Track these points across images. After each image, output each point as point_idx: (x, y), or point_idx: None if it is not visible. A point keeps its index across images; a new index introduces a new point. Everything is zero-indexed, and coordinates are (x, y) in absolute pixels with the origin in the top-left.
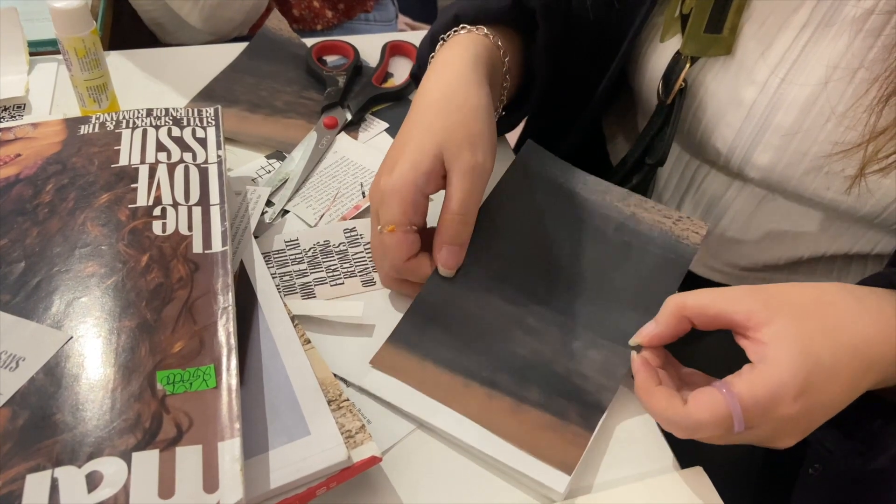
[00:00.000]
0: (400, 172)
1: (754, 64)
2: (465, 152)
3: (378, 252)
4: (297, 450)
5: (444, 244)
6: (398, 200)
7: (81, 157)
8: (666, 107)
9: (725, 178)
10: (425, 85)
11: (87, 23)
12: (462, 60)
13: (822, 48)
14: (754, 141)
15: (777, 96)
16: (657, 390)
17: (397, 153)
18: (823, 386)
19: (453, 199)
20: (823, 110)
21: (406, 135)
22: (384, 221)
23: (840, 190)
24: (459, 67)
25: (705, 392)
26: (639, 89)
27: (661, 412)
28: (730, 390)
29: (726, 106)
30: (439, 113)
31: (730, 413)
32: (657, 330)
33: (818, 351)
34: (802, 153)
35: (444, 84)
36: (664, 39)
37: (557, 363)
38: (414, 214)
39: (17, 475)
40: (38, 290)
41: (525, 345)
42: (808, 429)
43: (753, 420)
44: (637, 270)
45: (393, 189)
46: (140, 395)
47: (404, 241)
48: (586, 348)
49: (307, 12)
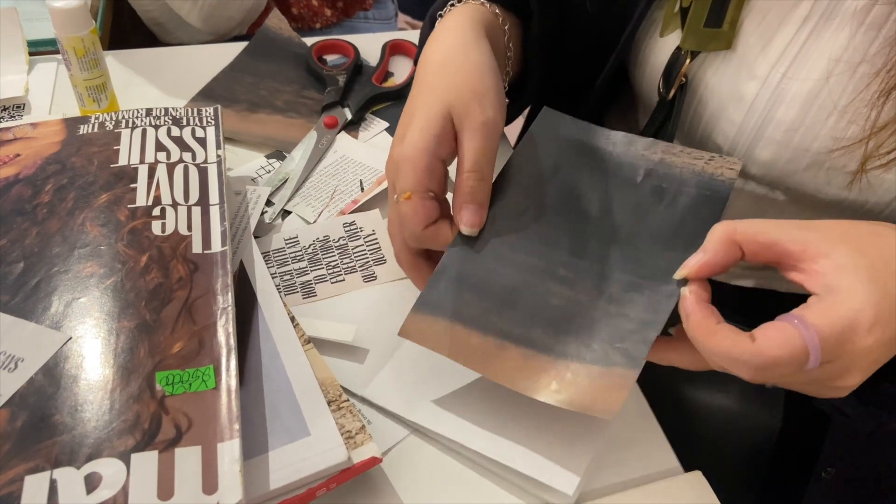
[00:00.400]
0: (410, 139)
1: (755, 59)
2: (474, 109)
3: (395, 224)
4: (297, 450)
5: (463, 204)
6: (411, 167)
7: (81, 156)
8: (667, 103)
9: None
10: (426, 54)
11: (86, 22)
12: (459, 25)
13: (824, 42)
14: (756, 136)
15: (778, 91)
16: (719, 328)
17: (406, 122)
18: (892, 316)
19: (466, 157)
20: (825, 105)
21: (412, 103)
22: (400, 190)
23: (842, 186)
24: (457, 31)
25: (775, 327)
26: (639, 85)
27: (727, 352)
28: (804, 322)
29: (727, 101)
30: (442, 75)
31: (806, 346)
32: (706, 258)
33: (885, 279)
34: (804, 148)
35: (444, 48)
36: (664, 34)
37: (596, 308)
38: (430, 180)
39: (16, 476)
40: (37, 290)
41: (559, 295)
42: (874, 366)
43: (829, 353)
44: (672, 211)
45: (405, 157)
46: (139, 395)
47: (421, 208)
48: (626, 291)
49: (306, 11)
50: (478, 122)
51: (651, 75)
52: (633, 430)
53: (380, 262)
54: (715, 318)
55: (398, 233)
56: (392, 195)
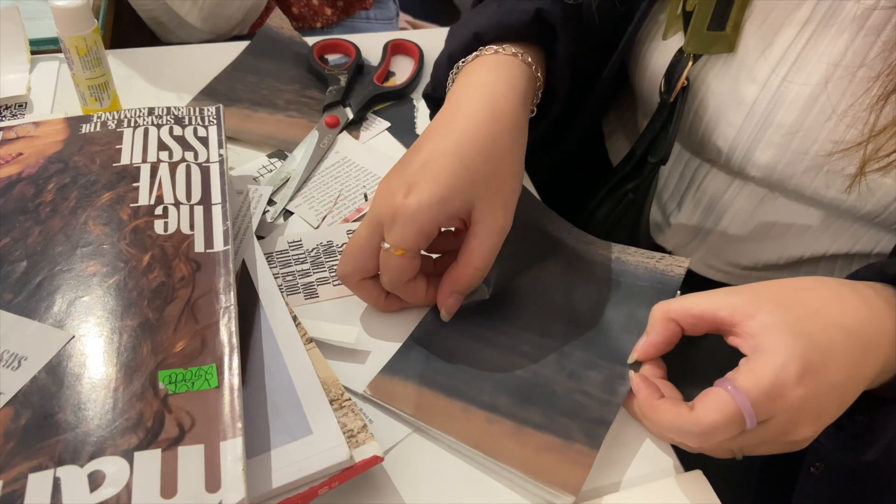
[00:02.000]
0: (427, 202)
1: (755, 62)
2: (498, 212)
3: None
4: (299, 449)
5: (452, 293)
6: (416, 229)
7: (83, 156)
8: (668, 105)
9: (726, 176)
10: (463, 108)
11: (88, 21)
12: (506, 94)
13: (824, 46)
14: (755, 139)
15: (778, 95)
16: (661, 403)
17: (422, 171)
18: (823, 365)
19: (477, 254)
20: (824, 109)
21: (436, 155)
22: (394, 242)
23: (841, 189)
24: (505, 103)
25: (711, 393)
26: (640, 87)
27: (669, 423)
28: (734, 385)
29: (728, 104)
30: (482, 154)
31: (739, 410)
32: (650, 339)
33: (809, 331)
34: (803, 152)
35: (487, 118)
36: (667, 37)
37: (558, 383)
38: (425, 243)
39: (20, 474)
40: (40, 289)
41: (523, 367)
42: (821, 415)
43: (763, 411)
44: (627, 300)
45: (413, 217)
46: (142, 394)
47: (409, 265)
48: (586, 369)
49: (307, 10)
50: (498, 225)
51: (652, 77)
52: (632, 429)
53: None
54: (658, 393)
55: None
56: (373, 233)
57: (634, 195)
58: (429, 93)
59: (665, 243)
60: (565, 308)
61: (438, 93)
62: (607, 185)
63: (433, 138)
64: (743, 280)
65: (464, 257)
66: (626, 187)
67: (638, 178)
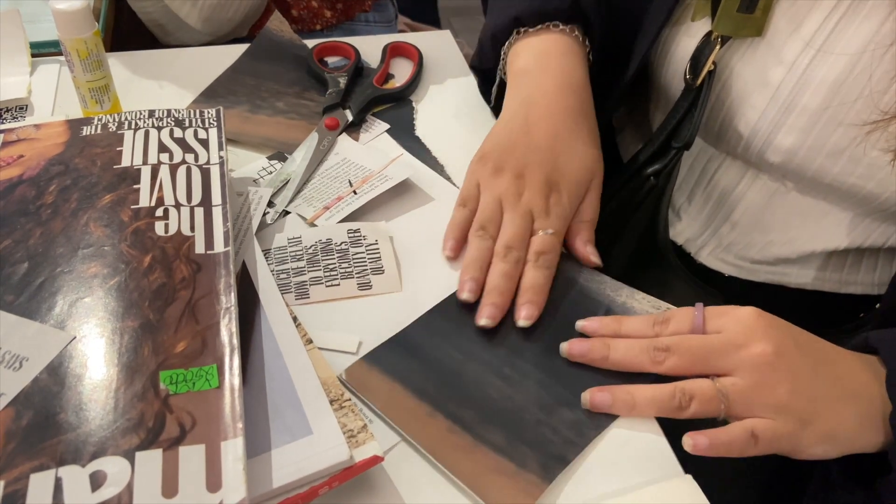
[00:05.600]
0: (587, 168)
1: (783, 43)
2: (599, 177)
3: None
4: (300, 449)
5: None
6: (573, 201)
7: (84, 158)
8: (694, 90)
9: (739, 169)
10: (549, 86)
11: (89, 24)
12: (580, 73)
13: (855, 25)
14: (778, 123)
15: (805, 76)
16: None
17: (571, 134)
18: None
19: (592, 208)
20: (852, 91)
21: (566, 131)
22: (549, 224)
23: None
24: (581, 79)
25: None
26: (662, 74)
27: (636, 328)
28: None
29: (752, 87)
30: (587, 123)
31: (692, 310)
32: None
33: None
34: (827, 135)
35: (574, 95)
36: (695, 19)
37: (527, 412)
38: None
39: (21, 475)
40: (42, 290)
41: (498, 390)
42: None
43: (714, 318)
44: None
45: (577, 190)
46: (143, 394)
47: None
48: (560, 405)
49: (306, 12)
50: (601, 180)
51: (676, 63)
52: (632, 430)
53: (377, 272)
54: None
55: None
56: (494, 188)
57: (657, 180)
58: (475, 65)
59: (676, 237)
60: (559, 341)
61: (486, 66)
62: (627, 172)
63: (541, 110)
64: (754, 274)
65: (581, 212)
66: (648, 171)
67: (660, 163)
